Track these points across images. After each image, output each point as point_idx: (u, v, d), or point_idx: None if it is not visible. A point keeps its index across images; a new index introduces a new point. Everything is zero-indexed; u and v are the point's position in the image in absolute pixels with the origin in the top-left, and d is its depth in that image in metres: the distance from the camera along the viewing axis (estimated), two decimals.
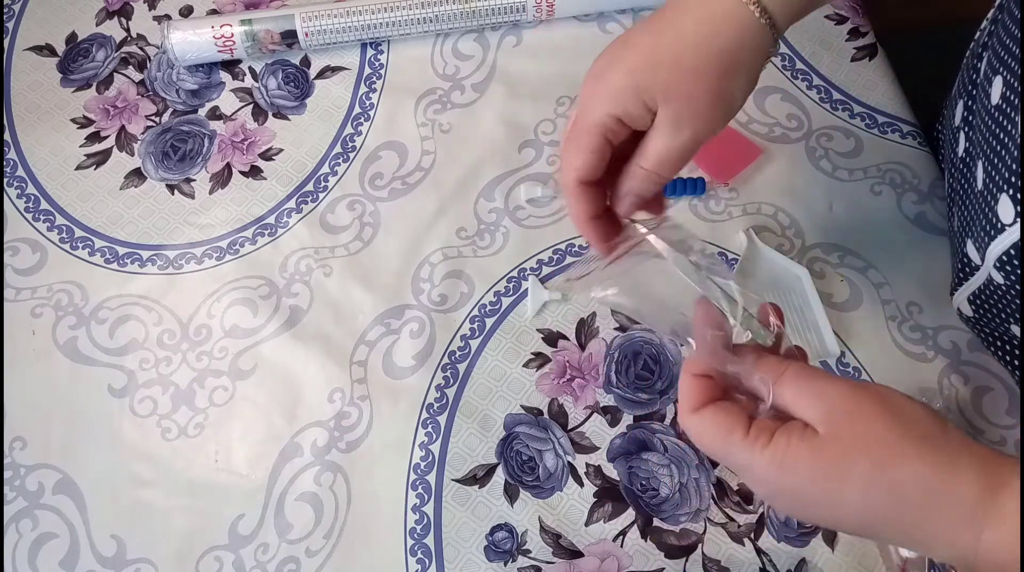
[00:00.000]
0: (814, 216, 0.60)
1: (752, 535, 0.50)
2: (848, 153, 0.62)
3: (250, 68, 0.69)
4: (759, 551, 0.50)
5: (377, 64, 0.68)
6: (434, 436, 0.54)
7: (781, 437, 0.34)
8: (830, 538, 0.50)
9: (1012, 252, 0.44)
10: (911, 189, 0.60)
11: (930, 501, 0.33)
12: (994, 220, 0.45)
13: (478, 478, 0.52)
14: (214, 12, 0.71)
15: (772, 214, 0.60)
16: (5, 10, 0.72)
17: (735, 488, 0.51)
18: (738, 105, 0.40)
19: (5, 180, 0.64)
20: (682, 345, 0.44)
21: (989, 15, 0.56)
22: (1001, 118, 0.44)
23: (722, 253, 0.59)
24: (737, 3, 0.38)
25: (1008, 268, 0.45)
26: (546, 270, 0.59)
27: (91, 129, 0.66)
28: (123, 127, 0.66)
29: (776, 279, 0.57)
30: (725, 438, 0.35)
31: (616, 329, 0.56)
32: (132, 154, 0.65)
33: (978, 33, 0.57)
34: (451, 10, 0.66)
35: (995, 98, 0.45)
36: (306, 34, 0.66)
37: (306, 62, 0.69)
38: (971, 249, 0.49)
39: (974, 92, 0.51)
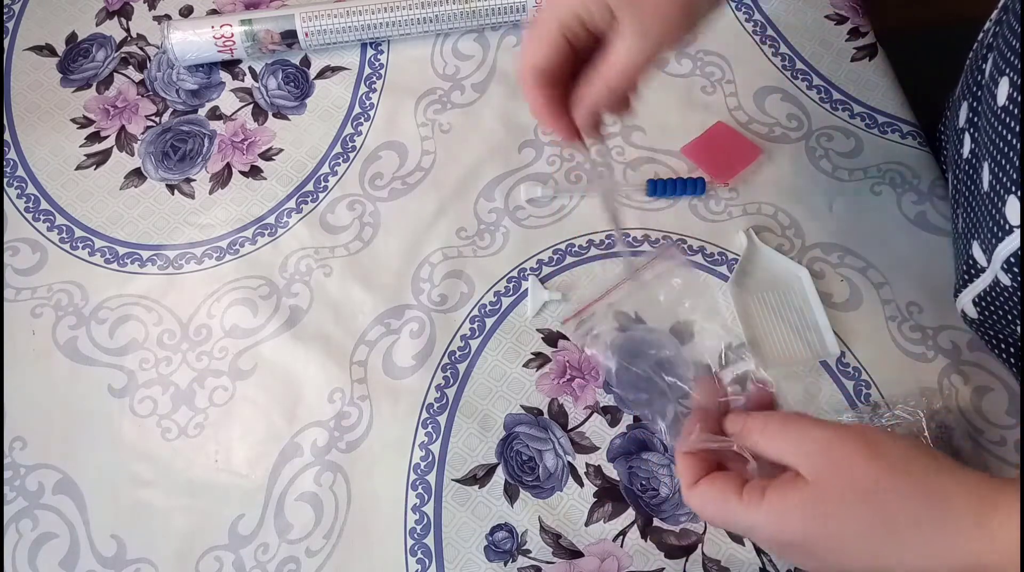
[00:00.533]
0: (814, 216, 0.60)
1: None
2: (848, 153, 0.62)
3: (250, 68, 0.69)
4: (759, 551, 0.50)
5: (377, 64, 0.68)
6: (434, 436, 0.54)
7: (773, 492, 0.35)
8: None
9: (1020, 253, 0.44)
10: (911, 189, 0.60)
11: (927, 535, 0.33)
12: (1001, 222, 0.45)
13: (478, 478, 0.52)
14: (214, 12, 0.71)
15: (772, 214, 0.60)
16: (5, 10, 0.72)
17: None
18: (701, 18, 0.39)
19: (5, 180, 0.64)
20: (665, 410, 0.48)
21: (993, 16, 0.55)
22: (1008, 119, 0.44)
23: (722, 253, 0.59)
24: None
25: (1016, 269, 0.45)
26: (546, 270, 0.59)
27: (91, 129, 0.66)
28: (123, 127, 0.66)
29: (776, 279, 0.57)
30: (723, 506, 0.36)
31: (616, 329, 0.56)
32: (132, 154, 0.65)
33: (981, 34, 0.56)
34: (451, 10, 0.66)
35: (1001, 99, 0.45)
36: (306, 34, 0.66)
37: (306, 62, 0.69)
38: (977, 251, 0.49)
39: (979, 93, 0.51)
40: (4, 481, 0.53)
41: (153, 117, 0.67)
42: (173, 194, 0.63)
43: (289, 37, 0.66)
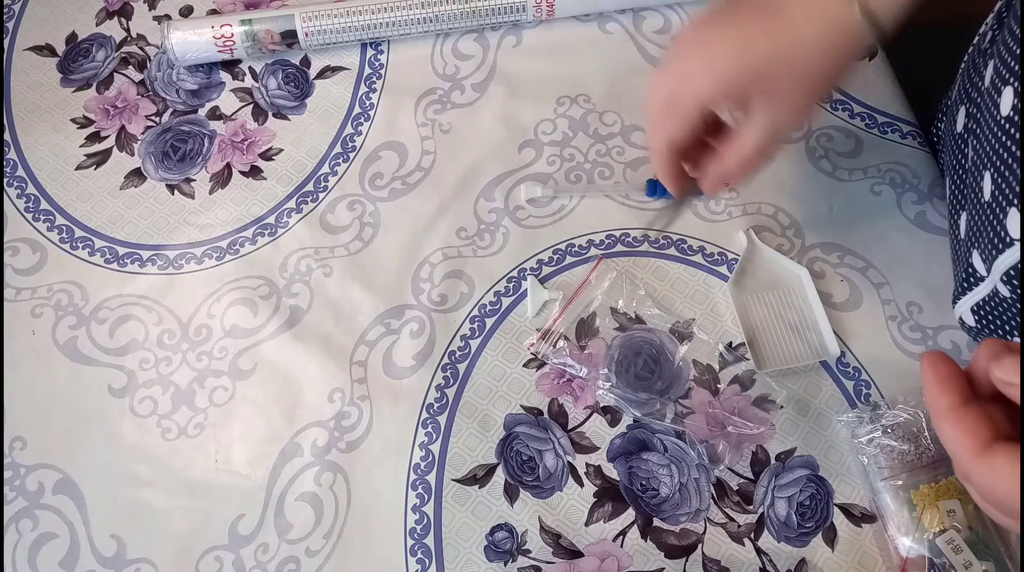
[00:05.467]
0: (814, 216, 0.60)
1: (752, 535, 0.50)
2: (848, 153, 0.62)
3: (250, 68, 0.69)
4: (759, 551, 0.50)
5: (377, 64, 0.68)
6: (434, 436, 0.54)
7: None
8: (830, 538, 0.50)
9: (1021, 267, 0.44)
10: (911, 189, 0.60)
11: None
12: (1002, 234, 0.44)
13: (478, 478, 0.52)
14: (214, 12, 0.71)
15: (772, 214, 0.60)
16: (5, 10, 0.72)
17: (735, 488, 0.51)
18: (825, 99, 0.45)
19: (5, 180, 0.64)
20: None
21: (989, 19, 0.55)
22: (1011, 129, 0.43)
23: (722, 253, 0.59)
24: (848, 7, 0.39)
25: (1015, 282, 0.44)
26: (546, 270, 0.59)
27: (91, 129, 0.66)
28: (123, 127, 0.66)
29: (776, 279, 0.57)
30: None
31: (616, 329, 0.56)
32: (132, 154, 0.65)
33: (977, 38, 0.56)
34: (451, 10, 0.66)
35: (1005, 109, 0.44)
36: (306, 34, 0.66)
37: (306, 62, 0.69)
38: (977, 260, 0.48)
39: (978, 100, 0.51)
40: (4, 481, 0.53)
41: (153, 117, 0.67)
42: (173, 194, 0.63)
43: (289, 37, 0.66)
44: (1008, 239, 0.44)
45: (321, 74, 0.68)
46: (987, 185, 0.46)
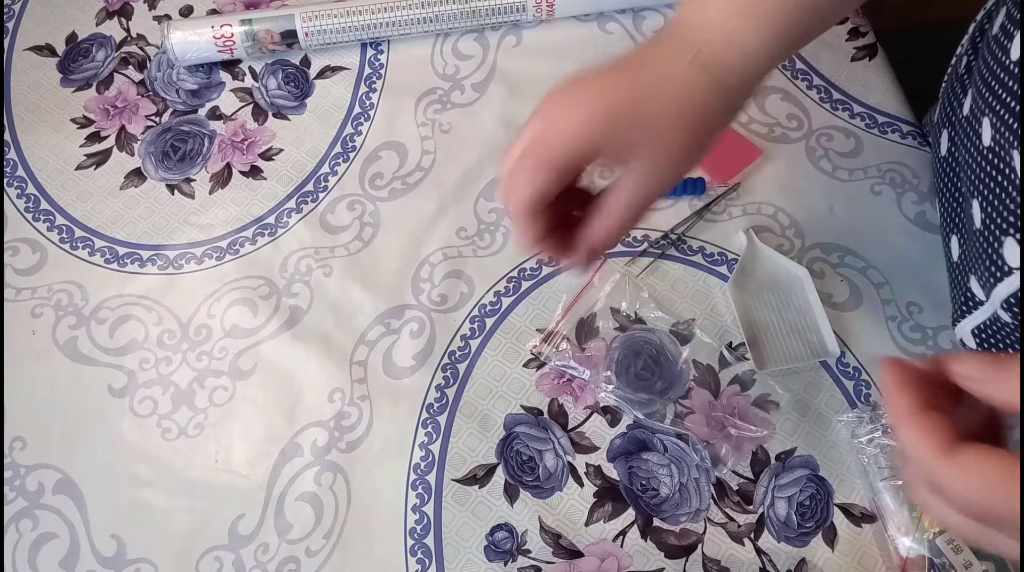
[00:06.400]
0: (814, 216, 0.60)
1: (752, 535, 0.50)
2: (848, 153, 0.62)
3: (250, 68, 0.69)
4: (759, 551, 0.50)
5: (377, 64, 0.68)
6: (434, 436, 0.54)
7: None
8: (830, 538, 0.50)
9: (1021, 295, 0.43)
10: (911, 189, 0.60)
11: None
12: (999, 262, 0.44)
13: (478, 478, 0.52)
14: (214, 12, 0.71)
15: (772, 214, 0.60)
16: (5, 10, 0.72)
17: (735, 488, 0.51)
18: (706, 153, 0.39)
19: (5, 180, 0.64)
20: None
21: (964, 42, 0.55)
22: (995, 159, 0.44)
23: (722, 253, 0.59)
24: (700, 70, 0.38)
25: (1016, 309, 0.44)
26: (545, 270, 0.59)
27: (91, 129, 0.66)
28: (123, 127, 0.66)
29: (776, 279, 0.57)
30: (1014, 487, 0.26)
31: (616, 329, 0.56)
32: (132, 154, 0.65)
33: (955, 59, 0.56)
34: (451, 10, 0.66)
35: (986, 139, 0.44)
36: (306, 34, 0.66)
37: (306, 62, 0.69)
38: (975, 285, 0.48)
39: (958, 126, 0.51)
40: (4, 481, 0.53)
41: (153, 117, 0.67)
42: (173, 194, 0.63)
43: (289, 37, 0.66)
44: (1006, 268, 0.43)
45: (321, 74, 0.68)
46: (976, 213, 0.46)
